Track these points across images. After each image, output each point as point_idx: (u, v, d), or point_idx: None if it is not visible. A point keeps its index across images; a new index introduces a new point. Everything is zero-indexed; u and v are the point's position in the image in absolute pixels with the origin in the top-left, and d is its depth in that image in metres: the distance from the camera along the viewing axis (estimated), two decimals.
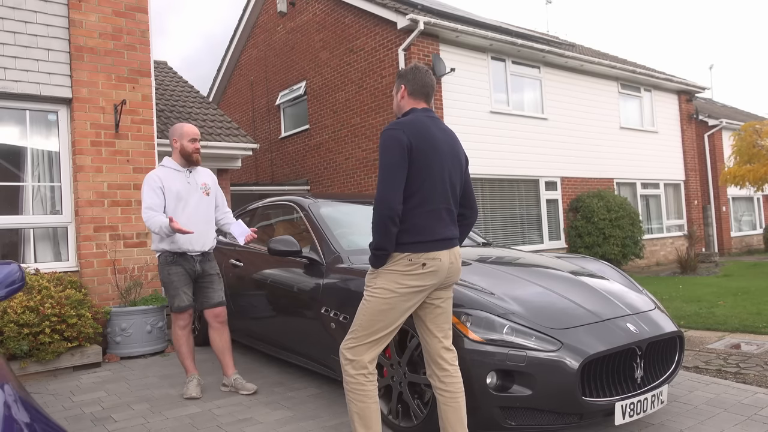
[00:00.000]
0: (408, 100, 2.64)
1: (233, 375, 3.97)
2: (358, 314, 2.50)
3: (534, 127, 11.20)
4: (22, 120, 5.40)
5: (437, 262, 2.44)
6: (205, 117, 9.11)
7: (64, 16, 5.39)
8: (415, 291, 2.43)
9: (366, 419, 2.45)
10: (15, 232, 5.40)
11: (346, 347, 2.50)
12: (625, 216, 11.25)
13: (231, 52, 14.61)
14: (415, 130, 2.45)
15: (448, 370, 2.55)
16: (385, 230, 2.36)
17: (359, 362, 2.46)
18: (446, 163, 2.52)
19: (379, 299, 2.43)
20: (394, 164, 2.38)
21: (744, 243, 17.54)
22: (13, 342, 4.35)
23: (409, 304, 2.45)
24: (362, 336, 2.47)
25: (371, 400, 2.46)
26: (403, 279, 2.42)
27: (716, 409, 3.34)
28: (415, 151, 2.42)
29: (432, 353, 2.58)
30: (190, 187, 3.91)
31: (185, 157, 3.90)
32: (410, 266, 2.41)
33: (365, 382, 2.45)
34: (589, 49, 14.89)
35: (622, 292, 3.42)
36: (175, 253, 3.83)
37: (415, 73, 2.63)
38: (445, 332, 2.60)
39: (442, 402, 2.55)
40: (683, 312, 6.59)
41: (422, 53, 9.46)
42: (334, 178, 11.22)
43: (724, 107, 20.87)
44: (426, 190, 2.44)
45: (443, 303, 2.58)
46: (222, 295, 4.02)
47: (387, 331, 2.46)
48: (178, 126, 3.93)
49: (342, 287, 3.52)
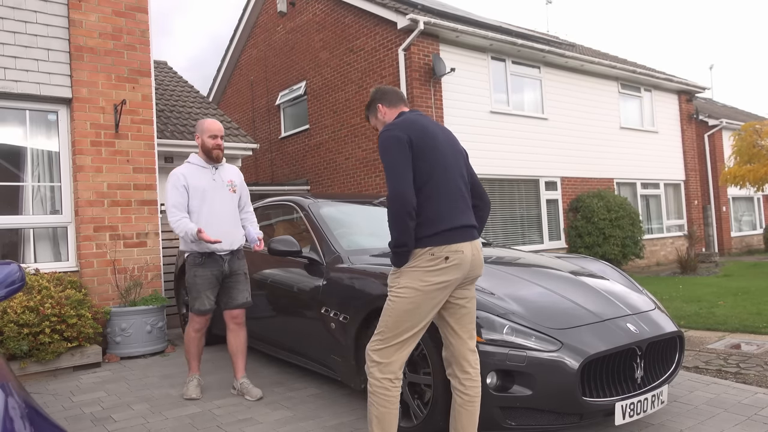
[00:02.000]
0: (390, 111, 2.67)
1: (241, 379, 3.89)
2: (383, 315, 2.44)
3: (534, 127, 11.19)
4: (22, 120, 5.40)
5: (460, 254, 2.39)
6: (205, 117, 9.11)
7: (64, 16, 5.39)
8: (441, 287, 2.38)
9: (385, 424, 2.40)
10: (15, 232, 5.39)
11: (373, 349, 2.43)
12: (625, 216, 11.25)
13: (231, 52, 14.61)
14: (412, 126, 2.46)
15: (470, 373, 2.52)
16: (403, 225, 2.32)
17: (387, 366, 2.39)
18: (449, 156, 2.52)
19: (404, 299, 2.37)
20: (398, 162, 2.36)
21: (744, 243, 17.54)
22: (13, 342, 4.34)
23: (435, 301, 2.39)
24: (389, 337, 2.40)
25: (393, 406, 2.40)
26: (426, 276, 2.36)
27: (716, 409, 3.33)
28: (417, 145, 2.41)
29: (457, 354, 2.54)
30: (216, 184, 3.82)
31: (206, 154, 3.82)
32: (433, 261, 2.36)
33: (391, 388, 2.39)
34: (589, 49, 14.88)
35: (623, 292, 3.42)
36: (203, 254, 3.74)
37: (382, 89, 2.72)
38: (470, 333, 2.56)
39: (458, 404, 2.52)
40: (683, 312, 6.59)
41: (422, 53, 9.46)
42: (334, 178, 11.22)
43: (724, 107, 20.87)
44: (435, 181, 2.42)
45: (468, 303, 2.54)
46: (247, 295, 3.91)
47: (414, 331, 2.40)
48: (201, 122, 3.86)
49: (342, 287, 3.52)
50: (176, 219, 3.65)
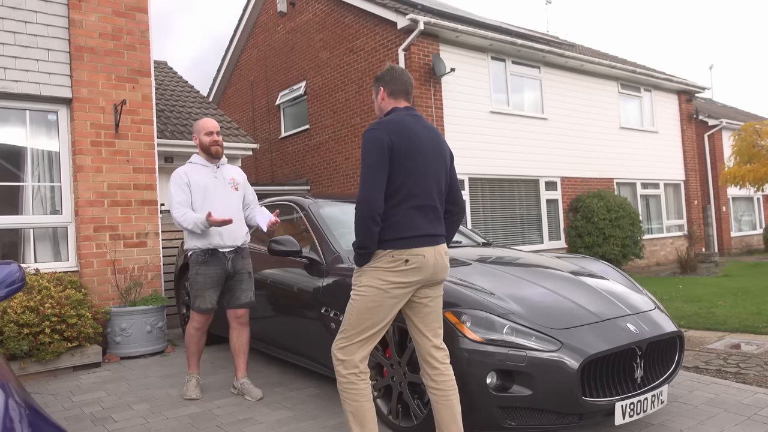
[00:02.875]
0: (389, 101, 2.65)
1: (242, 378, 3.89)
2: (346, 314, 2.51)
3: (534, 127, 11.19)
4: (22, 120, 5.40)
5: (420, 258, 2.44)
6: (206, 117, 9.10)
7: (64, 16, 5.39)
8: (400, 287, 2.44)
9: (360, 418, 2.45)
10: (15, 232, 5.39)
11: (337, 347, 2.51)
12: (625, 216, 11.25)
13: (231, 52, 14.61)
14: (397, 128, 2.46)
15: (439, 369, 2.55)
16: (367, 229, 2.38)
17: (350, 362, 2.46)
18: (430, 161, 2.53)
19: (365, 297, 2.44)
20: (374, 164, 2.40)
21: (744, 243, 17.54)
22: (13, 342, 4.34)
23: (395, 300, 2.45)
24: (352, 335, 2.47)
25: (364, 399, 2.45)
26: (386, 275, 2.42)
27: (716, 409, 3.33)
28: (397, 150, 2.42)
29: (423, 352, 2.59)
30: (218, 182, 3.87)
31: (205, 151, 3.89)
32: (393, 263, 2.42)
33: (357, 381, 2.46)
34: (589, 49, 14.88)
35: (622, 292, 3.42)
36: (206, 251, 3.75)
37: (392, 73, 2.64)
38: (435, 331, 2.60)
39: (434, 400, 2.56)
40: (683, 312, 6.59)
41: (422, 53, 9.46)
42: (334, 178, 11.22)
43: (724, 107, 20.88)
44: (408, 188, 2.45)
45: (431, 302, 2.57)
46: (250, 295, 3.91)
47: (376, 329, 2.46)
48: (196, 122, 3.95)
49: (342, 287, 3.52)
50: (181, 213, 3.68)
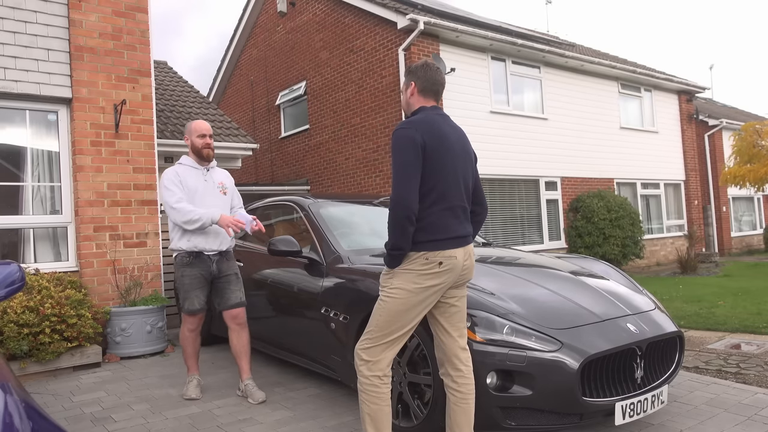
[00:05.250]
0: (417, 98, 2.60)
1: (246, 380, 3.86)
2: (374, 315, 2.47)
3: (534, 127, 11.19)
4: (22, 120, 5.40)
5: (453, 260, 2.42)
6: (205, 117, 9.11)
7: (64, 16, 5.39)
8: (432, 290, 2.41)
9: (377, 421, 2.43)
10: (15, 232, 5.39)
11: (362, 348, 2.47)
12: (625, 216, 11.25)
13: (231, 52, 14.61)
14: (428, 128, 2.43)
15: (462, 371, 2.53)
16: (402, 230, 2.34)
17: (375, 364, 2.43)
18: (458, 161, 2.51)
19: (396, 300, 2.40)
20: (408, 163, 2.35)
21: (744, 243, 17.53)
22: (13, 342, 4.34)
23: (426, 303, 2.43)
24: (378, 336, 2.44)
25: (384, 403, 2.43)
26: (419, 279, 2.39)
27: (716, 410, 3.33)
28: (429, 150, 2.39)
29: (448, 353, 2.56)
30: (207, 185, 3.87)
31: (197, 154, 3.87)
32: (426, 265, 2.39)
33: (380, 384, 2.43)
34: (589, 49, 14.88)
35: (623, 292, 3.42)
36: (191, 253, 3.75)
37: (426, 70, 2.58)
38: (461, 331, 2.58)
39: (452, 402, 2.53)
40: (683, 312, 6.59)
41: (422, 53, 9.46)
42: (334, 178, 11.22)
43: (724, 107, 20.87)
44: (441, 189, 2.42)
45: (458, 302, 2.56)
46: (240, 295, 3.88)
47: (403, 331, 2.44)
48: (188, 123, 3.94)
49: (342, 287, 3.52)
50: (189, 209, 3.64)
